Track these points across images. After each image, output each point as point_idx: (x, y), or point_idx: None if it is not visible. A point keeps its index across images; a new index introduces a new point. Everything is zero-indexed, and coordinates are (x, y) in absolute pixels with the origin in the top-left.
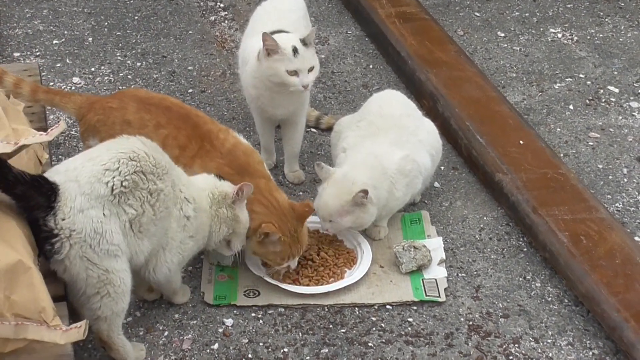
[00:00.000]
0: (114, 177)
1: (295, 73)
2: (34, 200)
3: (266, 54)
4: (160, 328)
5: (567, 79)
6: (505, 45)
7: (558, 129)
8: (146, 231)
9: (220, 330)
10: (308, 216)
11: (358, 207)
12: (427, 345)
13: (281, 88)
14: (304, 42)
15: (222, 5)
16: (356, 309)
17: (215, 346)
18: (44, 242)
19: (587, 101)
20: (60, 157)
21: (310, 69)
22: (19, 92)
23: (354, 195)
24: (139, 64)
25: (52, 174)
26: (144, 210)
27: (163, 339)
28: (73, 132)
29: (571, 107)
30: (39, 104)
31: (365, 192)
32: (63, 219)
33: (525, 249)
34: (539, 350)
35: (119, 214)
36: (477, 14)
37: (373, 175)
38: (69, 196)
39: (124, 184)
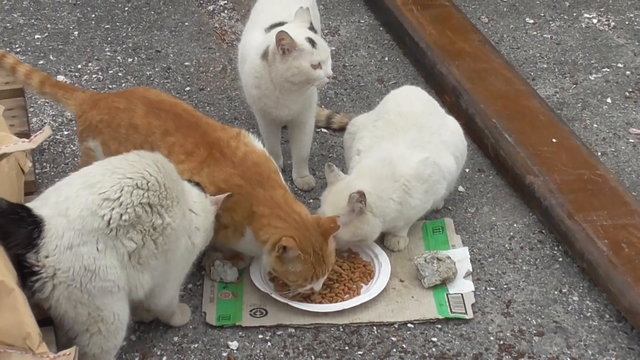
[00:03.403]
0: (112, 209)
1: (319, 65)
2: (12, 235)
3: (282, 53)
4: (158, 353)
5: (604, 69)
6: (535, 32)
7: (595, 125)
8: (146, 264)
9: (225, 354)
10: (333, 232)
11: (355, 216)
12: None
13: (302, 86)
14: (312, 29)
15: None
16: (374, 328)
17: None
18: (25, 277)
19: (627, 93)
20: (44, 164)
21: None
22: (29, 82)
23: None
24: (130, 59)
25: (39, 205)
26: (145, 243)
27: None
28: (58, 137)
29: (609, 100)
30: (45, 96)
31: (361, 193)
32: (47, 257)
33: (560, 259)
34: None
35: (117, 247)
36: None
37: (378, 185)
38: (55, 232)
39: (123, 217)
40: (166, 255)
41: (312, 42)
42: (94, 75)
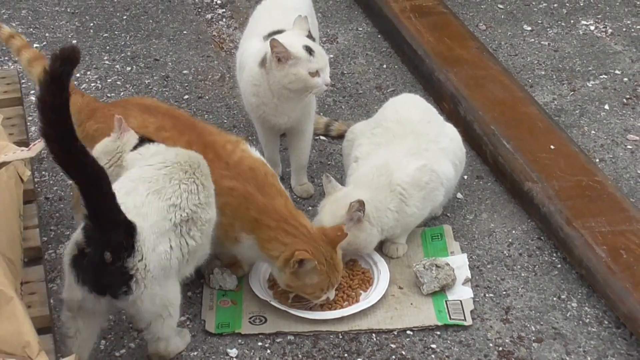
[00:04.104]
0: (176, 213)
1: (317, 73)
2: (118, 236)
3: (277, 60)
4: None
5: (601, 76)
6: (533, 39)
7: (593, 132)
8: (193, 257)
9: None
10: (341, 241)
11: (354, 225)
12: None
13: (301, 94)
14: (310, 37)
15: (219, 1)
16: (373, 335)
17: None
18: (117, 284)
19: (625, 100)
20: (43, 172)
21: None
22: (30, 70)
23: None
24: (128, 68)
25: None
26: (201, 238)
27: None
28: None
29: (607, 107)
30: None
31: (361, 202)
32: (140, 260)
33: (559, 266)
34: None
35: (181, 244)
36: (501, 6)
37: (375, 195)
38: (143, 237)
39: (183, 216)
40: (205, 243)
41: (309, 50)
42: (92, 84)
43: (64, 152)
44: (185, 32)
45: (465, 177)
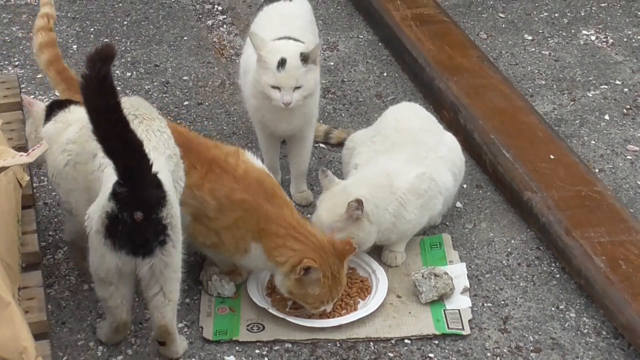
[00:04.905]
0: (170, 162)
1: (277, 88)
2: (152, 191)
3: (258, 57)
4: None
5: (602, 86)
6: (533, 49)
7: (593, 142)
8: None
9: None
10: (349, 255)
11: (352, 222)
12: None
13: (266, 98)
14: (304, 57)
15: (220, 8)
16: (371, 343)
17: None
18: (153, 237)
19: (625, 110)
20: (42, 177)
21: (297, 88)
22: (39, 55)
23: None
24: (129, 74)
25: None
26: (184, 179)
27: None
28: None
29: (607, 117)
30: (48, 78)
31: (360, 202)
32: (171, 207)
33: (558, 276)
34: None
35: (178, 191)
36: (502, 15)
37: (375, 193)
38: (169, 187)
39: (175, 163)
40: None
41: (280, 64)
42: None
43: (119, 145)
44: (185, 38)
45: (465, 186)
